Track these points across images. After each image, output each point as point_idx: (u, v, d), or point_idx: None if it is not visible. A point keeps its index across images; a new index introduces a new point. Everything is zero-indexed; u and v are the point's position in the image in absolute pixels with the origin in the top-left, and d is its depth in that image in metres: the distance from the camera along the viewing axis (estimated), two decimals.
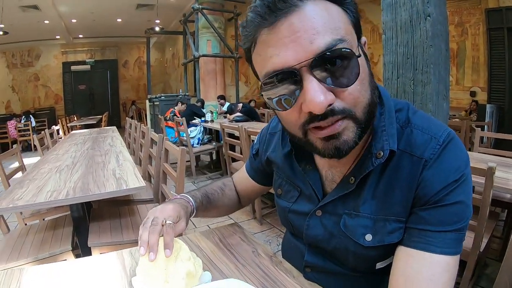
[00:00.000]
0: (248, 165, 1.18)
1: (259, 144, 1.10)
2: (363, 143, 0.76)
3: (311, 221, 0.86)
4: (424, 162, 0.69)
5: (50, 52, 15.83)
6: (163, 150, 2.53)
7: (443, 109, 2.26)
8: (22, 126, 10.80)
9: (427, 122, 0.74)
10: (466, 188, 0.69)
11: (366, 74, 0.64)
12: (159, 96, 10.09)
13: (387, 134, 0.72)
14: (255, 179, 1.15)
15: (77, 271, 0.89)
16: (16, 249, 1.94)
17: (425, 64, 2.13)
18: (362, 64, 0.62)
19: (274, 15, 0.59)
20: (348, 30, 0.61)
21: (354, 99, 0.62)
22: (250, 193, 1.22)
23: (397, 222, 0.73)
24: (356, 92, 0.61)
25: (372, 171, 0.74)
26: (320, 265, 0.89)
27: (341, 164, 0.80)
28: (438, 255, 0.66)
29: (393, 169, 0.73)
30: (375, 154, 0.72)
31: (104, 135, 4.55)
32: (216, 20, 10.25)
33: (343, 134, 0.64)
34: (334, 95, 0.60)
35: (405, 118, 0.75)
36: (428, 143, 0.70)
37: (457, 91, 7.59)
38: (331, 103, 0.60)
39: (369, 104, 0.65)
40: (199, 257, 0.88)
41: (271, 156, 1.00)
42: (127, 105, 17.47)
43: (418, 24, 2.12)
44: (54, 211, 2.61)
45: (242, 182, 1.20)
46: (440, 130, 0.71)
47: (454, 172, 0.68)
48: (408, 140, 0.72)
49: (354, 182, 0.76)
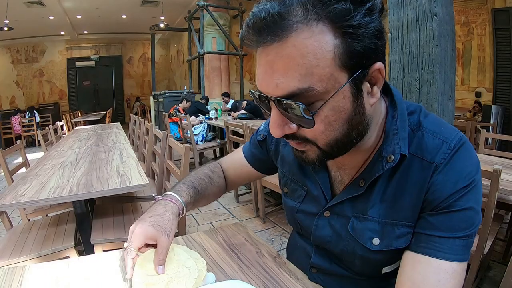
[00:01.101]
0: (247, 149, 1.13)
1: (267, 132, 1.06)
2: (373, 146, 0.75)
3: (320, 222, 0.85)
4: (435, 166, 0.68)
5: (55, 48, 15.91)
6: (167, 147, 2.52)
7: (449, 110, 2.25)
8: (27, 122, 10.84)
9: (438, 126, 0.72)
10: (476, 194, 0.68)
11: (343, 113, 0.62)
12: (163, 93, 10.09)
13: (398, 138, 0.70)
14: (254, 166, 1.11)
15: (80, 269, 0.89)
16: (19, 245, 1.95)
17: (431, 64, 2.12)
18: (338, 107, 0.60)
19: (260, 39, 0.58)
20: (326, 75, 0.57)
21: (315, 135, 0.64)
22: (242, 178, 1.19)
23: (405, 226, 0.72)
24: (316, 132, 0.63)
25: (382, 175, 0.73)
26: (326, 267, 0.89)
27: (350, 167, 0.80)
28: (446, 261, 0.66)
29: (403, 173, 0.72)
30: (385, 157, 0.70)
31: (108, 131, 4.56)
32: (221, 17, 10.26)
33: (307, 153, 0.69)
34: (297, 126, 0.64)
35: (416, 122, 0.74)
36: (439, 147, 0.69)
37: (463, 91, 7.55)
38: (288, 133, 0.65)
39: (339, 140, 0.65)
40: (202, 257, 0.87)
41: (283, 150, 0.99)
42: (131, 102, 17.53)
43: (424, 24, 2.10)
44: (57, 207, 2.62)
45: (235, 167, 1.16)
46: (452, 135, 0.70)
47: (464, 178, 0.67)
48: (419, 144, 0.71)
49: (364, 185, 0.75)
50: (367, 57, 0.59)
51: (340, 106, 0.60)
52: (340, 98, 0.60)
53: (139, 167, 2.23)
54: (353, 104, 0.61)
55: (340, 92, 0.59)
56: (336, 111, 0.61)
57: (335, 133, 0.63)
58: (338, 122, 0.62)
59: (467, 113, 7.27)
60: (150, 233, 0.80)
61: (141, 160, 3.82)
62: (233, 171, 1.16)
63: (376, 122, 0.73)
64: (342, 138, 0.65)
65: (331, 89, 0.58)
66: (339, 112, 0.61)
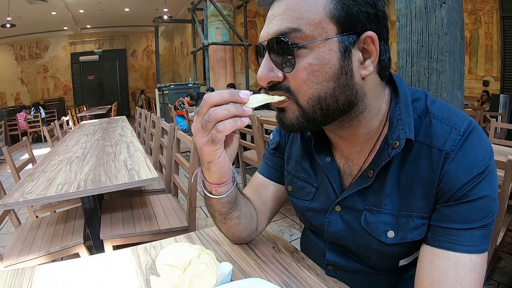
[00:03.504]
0: (264, 169, 1.03)
1: (279, 136, 1.01)
2: (378, 134, 0.74)
3: (332, 217, 0.83)
4: (445, 154, 0.66)
5: (58, 43, 15.93)
6: (174, 139, 2.51)
7: (458, 99, 2.22)
8: (32, 118, 10.90)
9: (446, 111, 0.70)
10: (491, 181, 0.66)
11: (328, 67, 0.64)
12: (168, 85, 10.11)
13: (403, 123, 0.69)
14: (279, 180, 1.00)
15: (91, 269, 0.87)
16: (28, 242, 1.95)
17: (440, 52, 2.09)
18: (323, 58, 0.64)
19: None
20: (315, 21, 0.63)
21: (297, 85, 0.66)
22: (271, 206, 1.01)
23: (420, 218, 0.70)
24: (299, 80, 0.65)
25: (391, 165, 0.71)
26: (342, 263, 0.87)
27: (357, 157, 0.78)
28: (465, 254, 0.64)
29: (413, 163, 0.70)
30: (391, 144, 0.69)
31: (114, 125, 4.57)
32: (225, 7, 10.20)
33: (286, 112, 0.71)
34: (283, 74, 0.67)
35: (423, 108, 0.72)
36: (448, 134, 0.67)
37: (470, 80, 7.46)
38: (274, 80, 0.68)
39: (322, 98, 0.66)
40: (217, 253, 0.85)
41: (291, 148, 0.96)
42: (136, 95, 17.55)
43: (433, 12, 2.07)
44: (65, 203, 2.62)
45: (257, 196, 1.00)
46: (461, 120, 0.68)
47: (478, 165, 0.64)
48: (427, 131, 0.69)
49: (373, 175, 0.73)
50: (359, 22, 0.64)
51: (325, 57, 0.63)
52: (325, 49, 0.63)
53: (147, 161, 2.22)
54: (340, 61, 0.64)
55: (326, 42, 0.63)
56: (321, 61, 0.64)
57: (318, 87, 0.65)
58: (321, 74, 0.64)
59: (475, 102, 7.19)
60: None
61: (148, 153, 3.81)
62: (258, 202, 0.99)
63: (378, 108, 0.73)
64: (326, 97, 0.66)
65: (318, 36, 0.63)
66: (324, 64, 0.64)
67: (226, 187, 0.79)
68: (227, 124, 0.64)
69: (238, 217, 0.87)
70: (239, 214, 0.87)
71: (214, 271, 0.74)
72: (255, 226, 0.96)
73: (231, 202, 0.82)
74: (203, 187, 0.81)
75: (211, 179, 0.77)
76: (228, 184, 0.79)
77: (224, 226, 0.90)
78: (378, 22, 0.65)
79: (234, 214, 0.85)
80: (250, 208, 0.93)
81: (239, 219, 0.88)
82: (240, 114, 0.65)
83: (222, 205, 0.82)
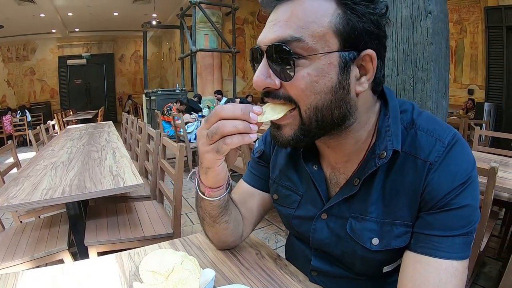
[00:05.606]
0: (249, 177, 1.04)
1: (264, 144, 1.02)
2: (366, 145, 0.75)
3: (318, 225, 0.84)
4: (429, 165, 0.68)
5: (46, 46, 15.72)
6: (160, 146, 2.50)
7: (443, 107, 2.25)
8: (18, 121, 10.74)
9: (432, 123, 0.72)
10: (473, 191, 0.68)
11: (327, 80, 0.64)
12: (155, 91, 10.07)
13: (390, 134, 0.70)
14: (264, 188, 1.01)
15: (75, 275, 0.87)
16: (12, 247, 1.91)
17: (425, 61, 2.11)
18: (322, 70, 0.64)
19: (275, 2, 0.67)
20: (319, 33, 0.63)
21: (297, 94, 0.66)
22: (256, 214, 1.02)
23: (404, 226, 0.71)
24: (297, 89, 0.65)
25: (377, 174, 0.73)
26: (327, 269, 0.88)
27: (345, 167, 0.79)
28: (446, 260, 0.66)
29: (398, 172, 0.71)
30: (378, 154, 0.71)
31: (101, 130, 4.52)
32: (214, 14, 10.26)
33: (284, 128, 0.70)
34: (280, 82, 0.67)
35: (409, 120, 0.74)
36: (433, 145, 0.69)
37: (455, 88, 7.60)
38: (270, 87, 0.67)
39: (318, 109, 0.66)
40: (200, 259, 0.85)
41: (276, 156, 0.96)
42: (123, 100, 17.39)
43: (419, 21, 2.10)
44: (50, 208, 2.58)
45: (243, 203, 1.01)
46: (445, 132, 0.70)
47: (460, 175, 0.66)
48: (412, 142, 0.71)
49: (358, 184, 0.74)
50: (361, 39, 0.64)
51: (325, 70, 0.64)
52: (326, 62, 0.63)
53: (132, 167, 2.21)
54: (339, 76, 0.65)
55: (327, 56, 0.63)
56: (320, 73, 0.64)
57: (316, 97, 0.65)
58: (319, 86, 0.64)
59: (460, 111, 7.31)
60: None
61: (134, 159, 3.78)
62: (243, 208, 1.00)
63: (367, 120, 0.74)
64: (322, 108, 0.66)
65: (320, 49, 0.63)
66: (323, 76, 0.64)
67: (219, 191, 0.81)
68: (235, 139, 0.65)
69: (226, 222, 0.89)
70: (228, 219, 0.88)
71: (197, 277, 0.74)
72: (241, 232, 0.98)
73: (222, 206, 0.84)
74: (197, 188, 0.82)
75: (207, 183, 0.79)
76: (221, 189, 0.81)
77: (212, 229, 0.91)
78: (378, 41, 0.67)
79: (224, 218, 0.87)
80: (238, 214, 0.95)
81: (228, 223, 0.90)
82: (247, 132, 0.65)
83: (213, 207, 0.83)
